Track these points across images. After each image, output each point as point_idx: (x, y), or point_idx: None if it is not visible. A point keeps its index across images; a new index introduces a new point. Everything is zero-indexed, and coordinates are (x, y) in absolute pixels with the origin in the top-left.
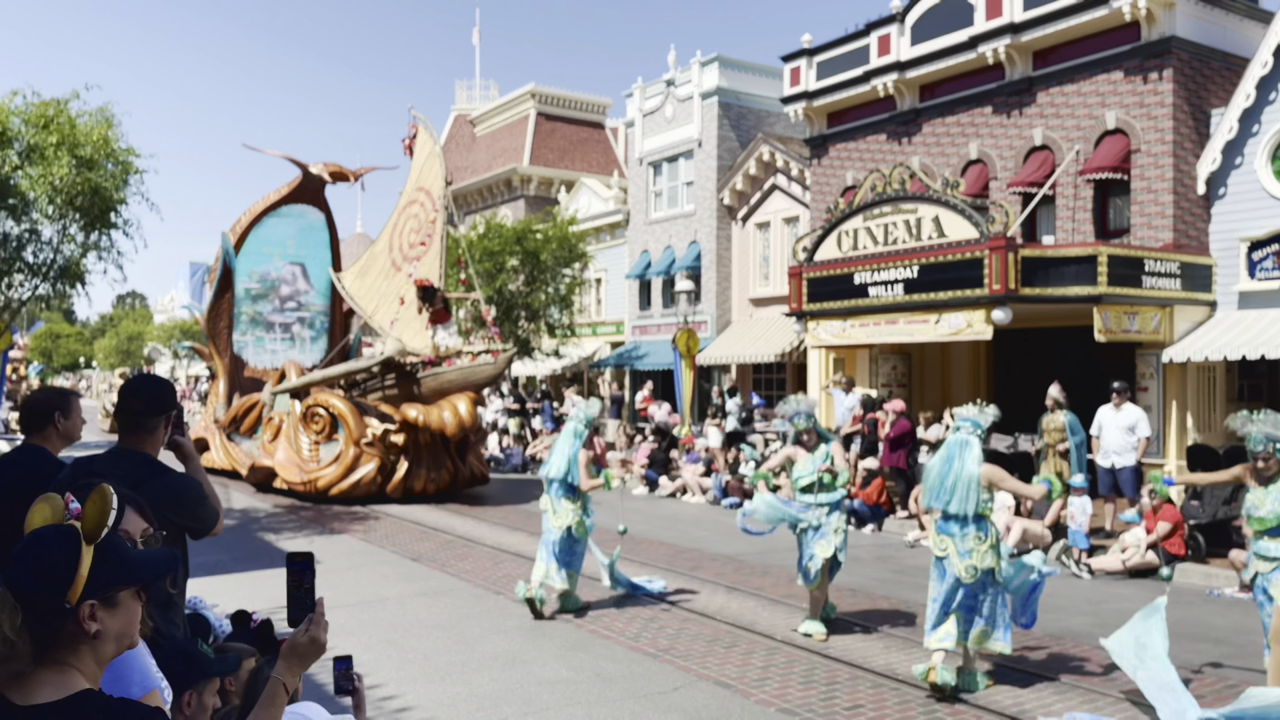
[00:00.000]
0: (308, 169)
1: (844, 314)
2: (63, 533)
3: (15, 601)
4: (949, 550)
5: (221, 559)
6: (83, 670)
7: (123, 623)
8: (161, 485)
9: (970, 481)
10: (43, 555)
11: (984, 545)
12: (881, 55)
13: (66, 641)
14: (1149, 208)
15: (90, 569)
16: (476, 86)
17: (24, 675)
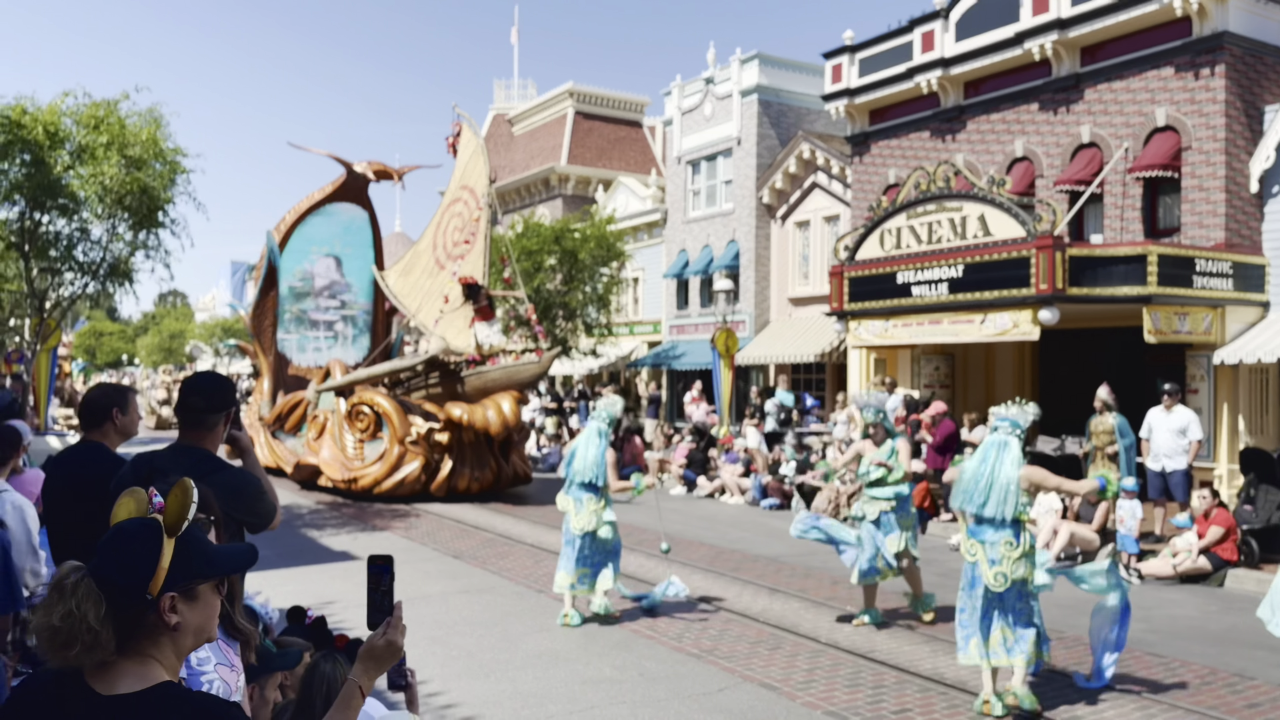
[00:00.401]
0: (352, 167)
1: (886, 314)
2: (145, 525)
3: (100, 592)
4: (978, 556)
5: (266, 555)
6: (163, 662)
7: (202, 616)
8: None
9: (1008, 484)
10: (126, 547)
11: (1015, 552)
12: (925, 51)
13: (148, 633)
14: (1200, 206)
15: (171, 562)
16: (515, 86)
17: (108, 665)
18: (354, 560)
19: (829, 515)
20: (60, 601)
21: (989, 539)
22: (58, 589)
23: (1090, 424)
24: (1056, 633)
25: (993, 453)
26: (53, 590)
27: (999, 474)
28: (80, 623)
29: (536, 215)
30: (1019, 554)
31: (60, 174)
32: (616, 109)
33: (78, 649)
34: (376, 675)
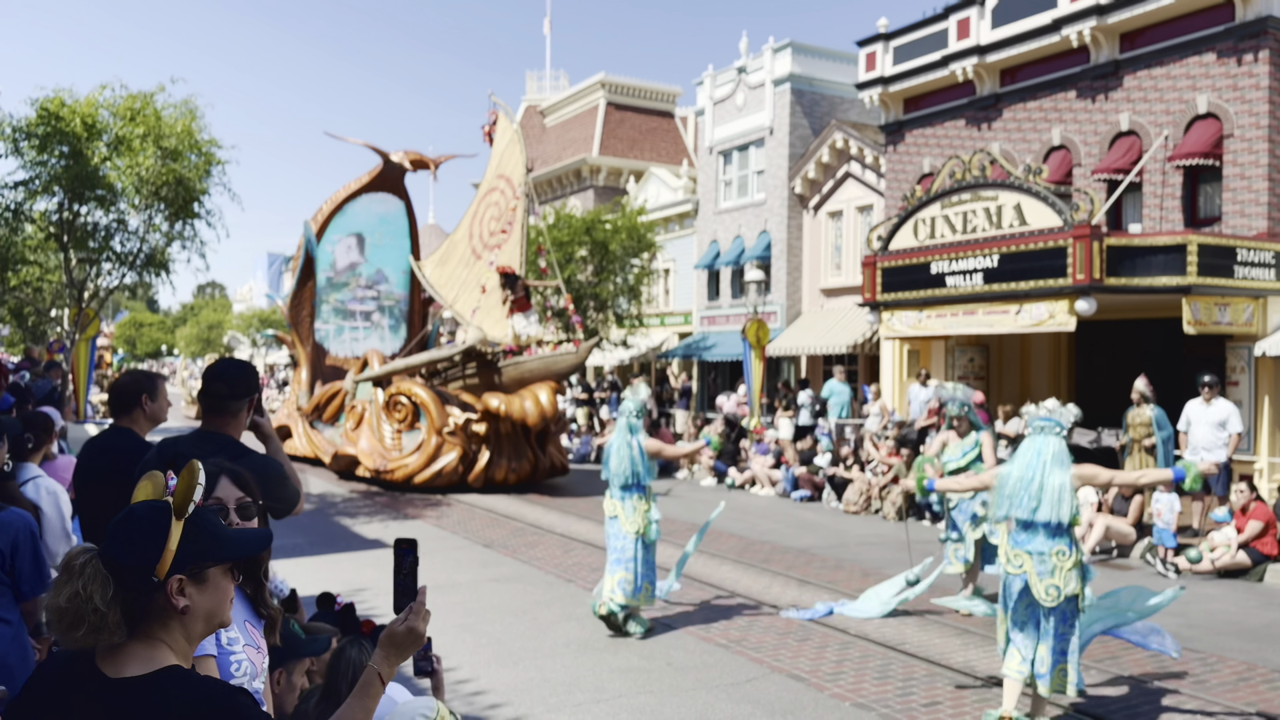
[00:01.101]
0: (388, 157)
1: (920, 304)
2: (155, 507)
3: (107, 574)
4: (1026, 568)
5: (299, 542)
6: (172, 646)
7: (213, 600)
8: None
9: (1061, 485)
10: (133, 529)
11: (1068, 562)
12: (961, 39)
13: (157, 616)
14: (1242, 195)
15: (179, 544)
16: (547, 77)
17: (117, 648)
18: (385, 548)
19: (860, 508)
20: (68, 582)
21: (1038, 548)
22: (67, 570)
23: (1127, 416)
24: None
25: (1037, 454)
26: (63, 571)
27: (1050, 476)
28: (86, 603)
29: (568, 207)
30: (1072, 564)
31: (98, 165)
32: (648, 99)
33: (84, 630)
34: (398, 662)
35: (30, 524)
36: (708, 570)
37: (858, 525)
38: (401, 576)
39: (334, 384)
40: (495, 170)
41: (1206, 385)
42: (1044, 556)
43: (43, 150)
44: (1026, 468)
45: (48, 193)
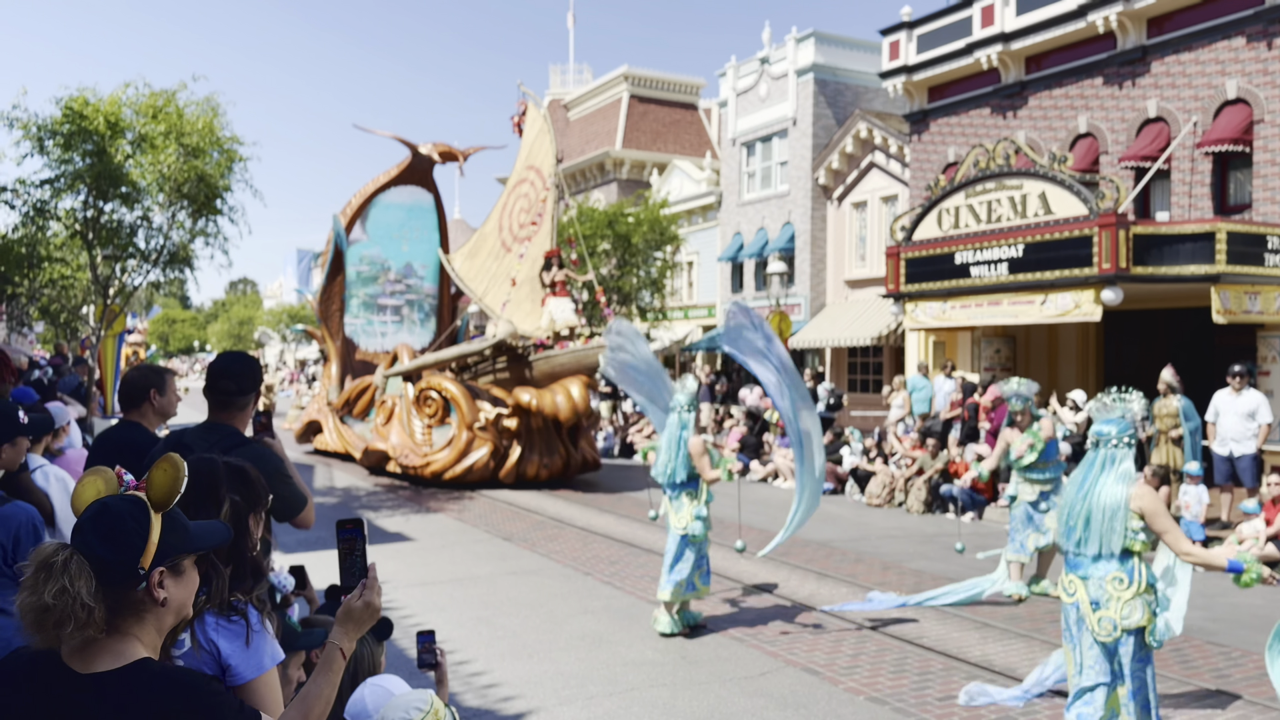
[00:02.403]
0: (417, 149)
1: (944, 295)
2: (131, 501)
3: (91, 569)
4: (1078, 594)
5: (322, 535)
6: (143, 639)
7: (185, 593)
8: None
9: (1114, 509)
10: (114, 522)
11: (1127, 592)
12: (985, 26)
13: (134, 609)
14: (1273, 181)
15: (160, 536)
16: (570, 70)
17: (89, 643)
18: (408, 541)
19: (883, 501)
20: (51, 579)
21: (1091, 573)
22: (45, 567)
23: (1154, 407)
24: None
25: (1094, 471)
26: (39, 568)
27: (1099, 497)
28: (74, 600)
29: (591, 200)
30: (1132, 594)
31: (121, 163)
32: (671, 91)
33: (71, 627)
34: (356, 635)
35: (33, 517)
36: (725, 563)
37: (880, 518)
38: (354, 558)
39: (364, 379)
40: (525, 161)
41: (1236, 375)
42: (1098, 582)
43: (67, 149)
44: (1079, 487)
45: (72, 191)
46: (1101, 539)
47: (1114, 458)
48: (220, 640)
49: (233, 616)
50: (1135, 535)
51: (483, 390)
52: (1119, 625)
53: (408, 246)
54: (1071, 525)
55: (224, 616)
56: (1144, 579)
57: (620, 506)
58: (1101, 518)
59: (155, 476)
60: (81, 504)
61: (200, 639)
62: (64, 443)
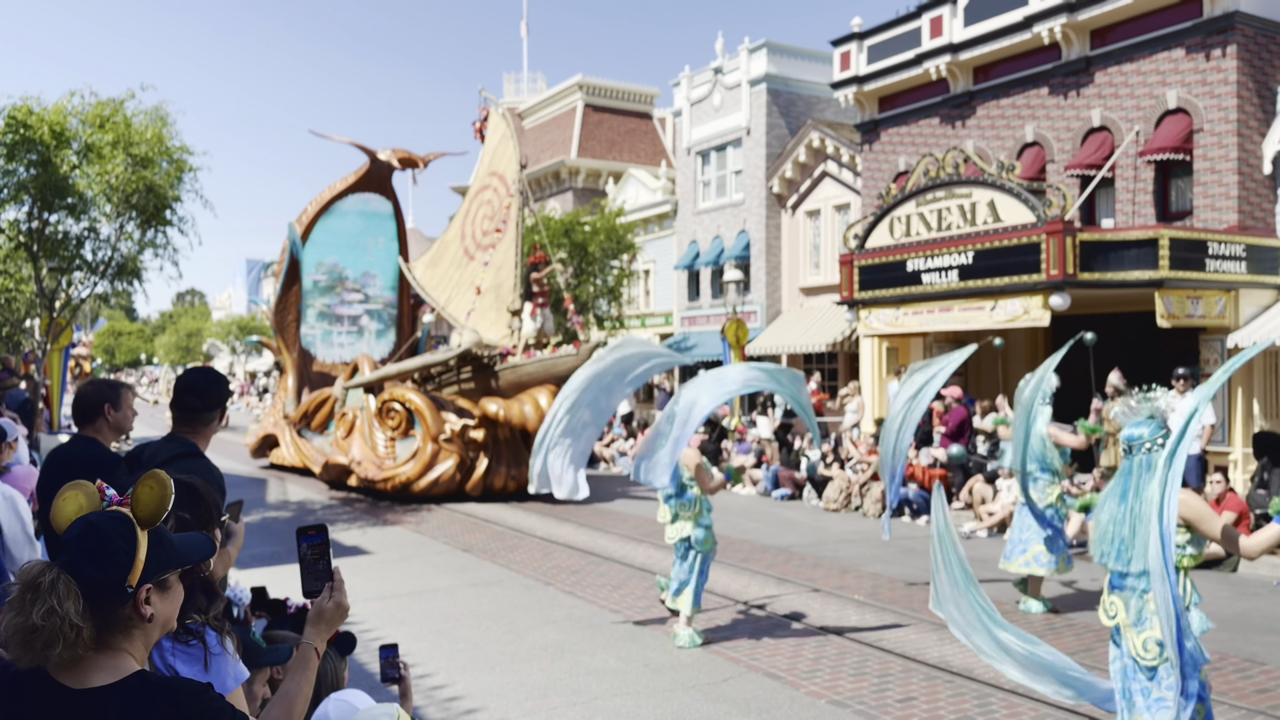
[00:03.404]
0: (375, 155)
1: (897, 302)
2: (116, 518)
3: (78, 588)
4: (1120, 616)
5: (277, 550)
6: (133, 654)
7: (171, 607)
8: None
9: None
10: (102, 541)
11: None
12: (934, 37)
13: (121, 626)
14: (1212, 189)
15: (146, 554)
16: (524, 79)
17: (78, 660)
18: (365, 554)
19: (840, 506)
20: (39, 600)
21: (1134, 589)
22: (32, 588)
23: (1102, 410)
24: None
25: (1132, 479)
26: (25, 589)
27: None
28: (64, 620)
29: (547, 209)
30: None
31: (67, 174)
32: (626, 101)
33: (60, 646)
34: (328, 635)
35: None
36: None
37: (837, 523)
38: (321, 564)
39: (322, 391)
40: (487, 168)
41: (1180, 378)
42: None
43: (10, 159)
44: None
45: (16, 202)
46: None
47: (1149, 463)
48: (178, 664)
49: (190, 640)
50: (1182, 550)
51: (448, 401)
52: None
53: (366, 255)
54: (1122, 541)
55: (180, 640)
56: (1191, 597)
57: (581, 516)
58: (1146, 529)
59: (142, 493)
60: (63, 519)
61: (158, 664)
62: (11, 459)
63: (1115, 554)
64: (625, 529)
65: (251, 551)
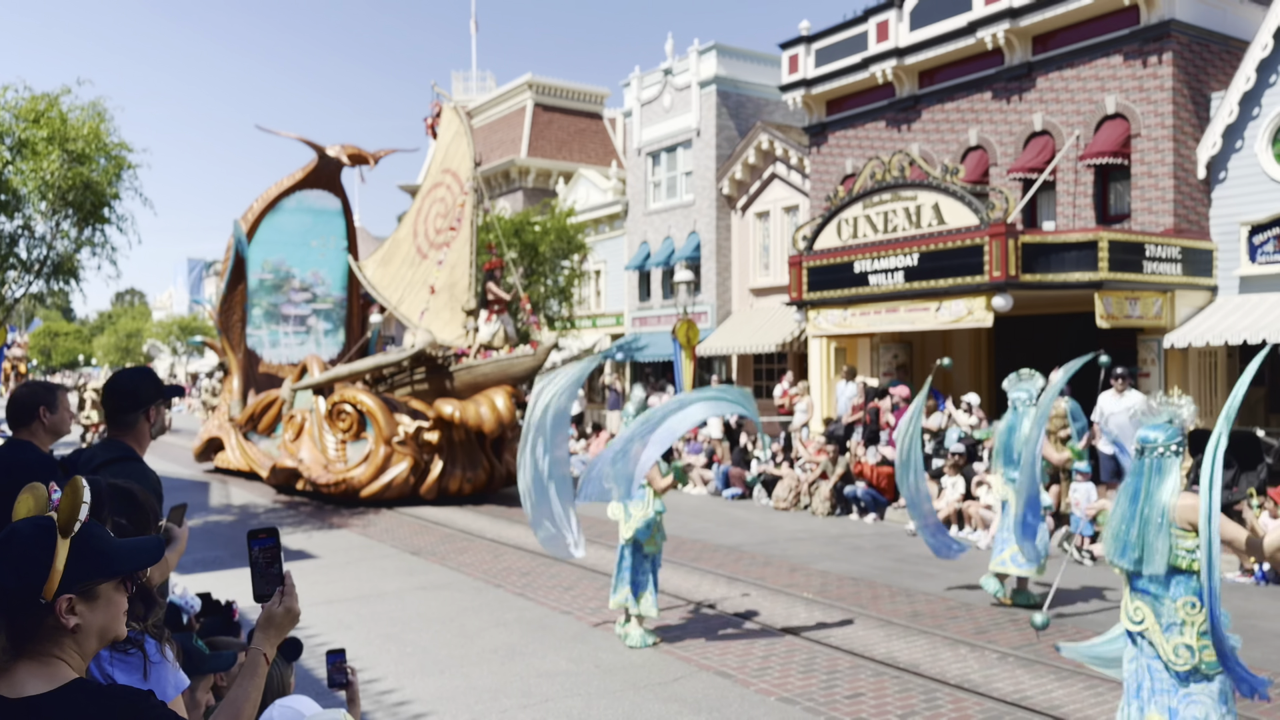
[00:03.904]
0: (324, 151)
1: (844, 303)
2: (38, 525)
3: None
4: (1147, 622)
5: (220, 555)
6: (69, 662)
7: (106, 616)
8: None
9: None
10: (16, 550)
11: (1200, 615)
12: (880, 41)
13: (49, 635)
14: (1149, 192)
15: (67, 562)
16: (473, 78)
17: (6, 670)
18: (311, 558)
19: (790, 504)
20: None
21: (1161, 595)
22: None
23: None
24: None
25: (1143, 480)
26: None
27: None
28: None
29: (497, 208)
30: (1204, 618)
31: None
32: (576, 100)
33: None
34: (278, 640)
35: None
36: None
37: (787, 521)
38: (273, 568)
39: (269, 392)
40: (440, 165)
41: (1119, 377)
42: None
43: None
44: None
45: None
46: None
47: (1160, 466)
48: (116, 674)
49: (128, 649)
50: (1193, 555)
51: (400, 403)
52: (1197, 651)
53: (314, 253)
54: (1129, 542)
55: (118, 649)
56: None
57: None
58: (1154, 532)
59: (63, 499)
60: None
61: (95, 673)
62: None
63: (1122, 553)
64: None
65: (195, 556)
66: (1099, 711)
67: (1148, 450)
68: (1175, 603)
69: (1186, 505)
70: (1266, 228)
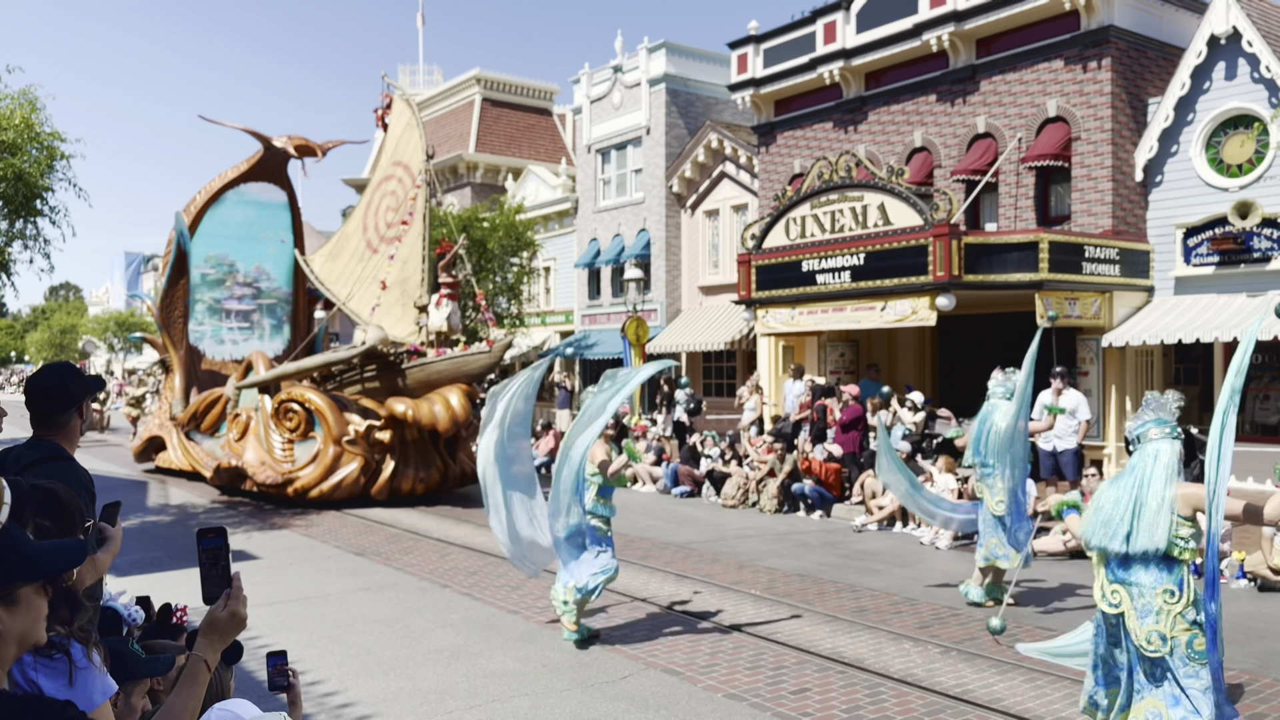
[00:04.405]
0: (270, 142)
1: (792, 301)
2: None
3: None
4: (1124, 605)
5: (158, 556)
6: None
7: (26, 621)
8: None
9: (1159, 506)
10: None
11: (1178, 604)
12: (828, 43)
13: None
14: (1089, 195)
15: None
16: (420, 72)
17: None
18: (252, 559)
19: (738, 502)
20: None
21: (1139, 582)
22: None
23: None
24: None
25: (1140, 469)
26: None
27: (1148, 494)
28: None
29: (445, 204)
30: (1183, 605)
31: None
32: (525, 96)
33: None
34: (221, 647)
35: None
36: None
37: (735, 519)
38: (218, 568)
39: (213, 390)
40: (391, 157)
41: (1058, 376)
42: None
43: None
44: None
45: None
46: (1149, 534)
47: (1157, 453)
48: (41, 680)
49: (53, 654)
50: (1185, 544)
51: (350, 401)
52: (1168, 638)
53: (259, 247)
54: (1118, 519)
55: (43, 654)
56: (1193, 592)
57: (479, 516)
58: (1152, 513)
59: None
60: None
61: (19, 679)
62: None
63: (1109, 533)
64: None
65: (131, 558)
66: (1039, 704)
67: (1142, 439)
68: (1154, 590)
69: (1189, 493)
70: (1200, 230)
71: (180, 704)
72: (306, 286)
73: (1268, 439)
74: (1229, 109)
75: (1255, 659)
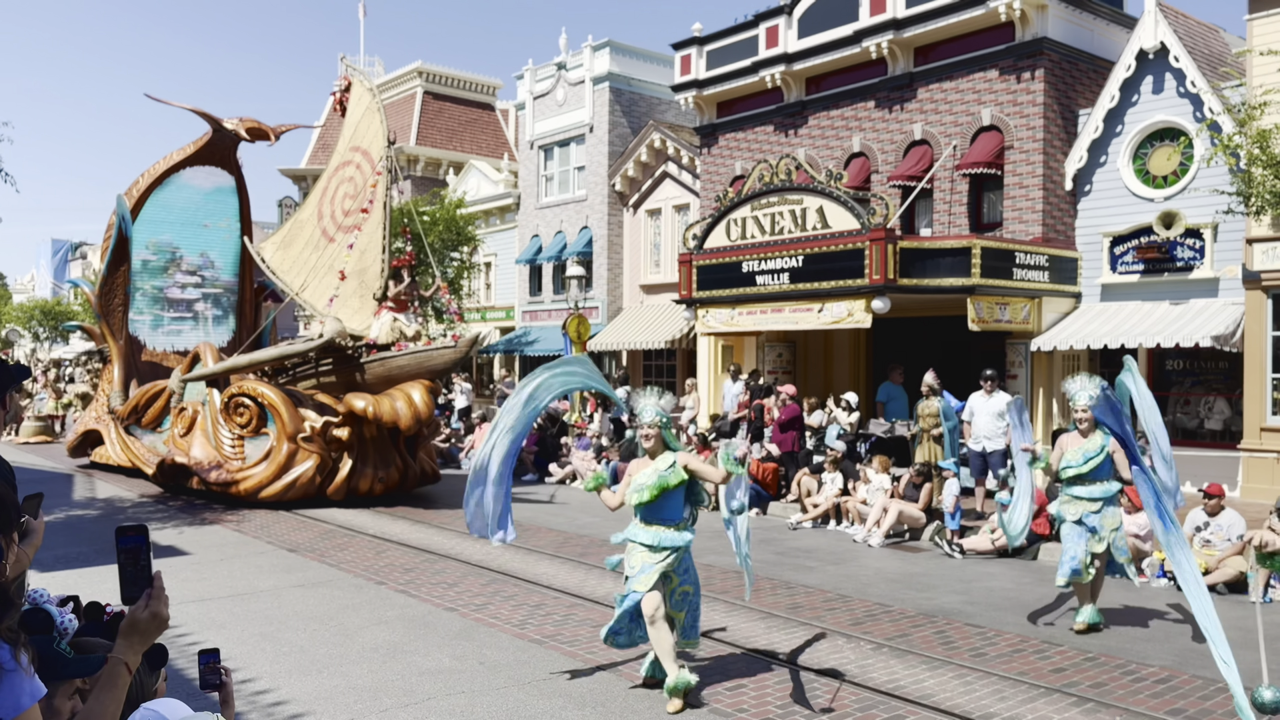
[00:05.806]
0: (221, 124)
1: (732, 302)
2: None
3: None
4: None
5: (84, 551)
6: None
7: None
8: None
9: None
10: None
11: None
12: (770, 47)
13: None
14: (1020, 203)
15: None
16: (361, 63)
17: None
18: (181, 555)
19: None
20: None
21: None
22: None
23: (918, 407)
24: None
25: None
26: None
27: None
28: None
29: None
30: None
31: None
32: (467, 90)
33: None
34: (142, 649)
35: None
36: (524, 566)
37: None
38: (138, 567)
39: (156, 383)
40: (349, 142)
41: (987, 379)
42: None
43: None
44: None
45: None
46: None
47: None
48: None
49: None
50: None
51: (306, 396)
52: None
53: (205, 234)
54: None
55: None
56: None
57: (415, 513)
58: None
59: None
60: None
61: None
62: None
63: None
64: (461, 525)
65: (56, 553)
66: (967, 699)
67: None
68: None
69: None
70: (1126, 239)
71: (99, 709)
72: (255, 276)
73: (1191, 443)
74: (1156, 122)
75: (1174, 656)
